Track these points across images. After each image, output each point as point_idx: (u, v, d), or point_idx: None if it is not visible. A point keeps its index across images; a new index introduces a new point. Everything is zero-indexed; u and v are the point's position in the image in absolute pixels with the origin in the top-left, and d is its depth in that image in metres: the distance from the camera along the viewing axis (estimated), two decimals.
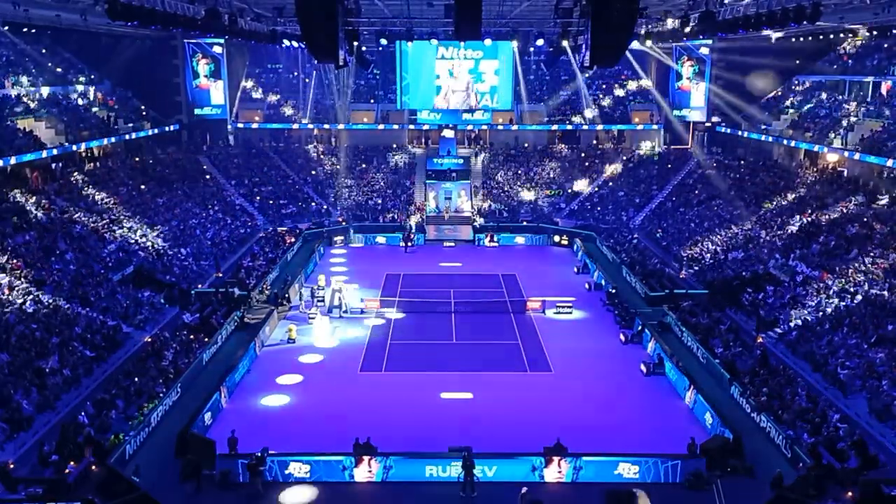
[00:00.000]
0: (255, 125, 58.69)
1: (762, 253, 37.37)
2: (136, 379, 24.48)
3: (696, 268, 39.22)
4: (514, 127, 58.24)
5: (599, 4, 13.18)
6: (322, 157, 58.53)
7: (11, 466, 18.37)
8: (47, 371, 23.68)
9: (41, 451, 19.80)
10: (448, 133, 56.97)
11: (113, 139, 44.86)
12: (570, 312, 34.08)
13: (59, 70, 45.92)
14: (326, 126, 59.17)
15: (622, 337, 31.00)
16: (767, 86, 52.19)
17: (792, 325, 29.58)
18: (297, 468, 19.94)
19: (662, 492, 18.86)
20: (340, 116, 58.05)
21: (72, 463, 18.91)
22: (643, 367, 27.47)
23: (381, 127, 58.43)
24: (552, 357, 28.89)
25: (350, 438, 20.63)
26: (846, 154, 40.50)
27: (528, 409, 24.28)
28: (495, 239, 47.84)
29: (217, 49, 53.72)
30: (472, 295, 36.50)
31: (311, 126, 59.14)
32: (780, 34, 44.03)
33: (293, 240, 45.48)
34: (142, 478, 18.96)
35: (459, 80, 54.10)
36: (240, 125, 58.76)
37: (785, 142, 46.38)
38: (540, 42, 40.70)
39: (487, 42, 48.86)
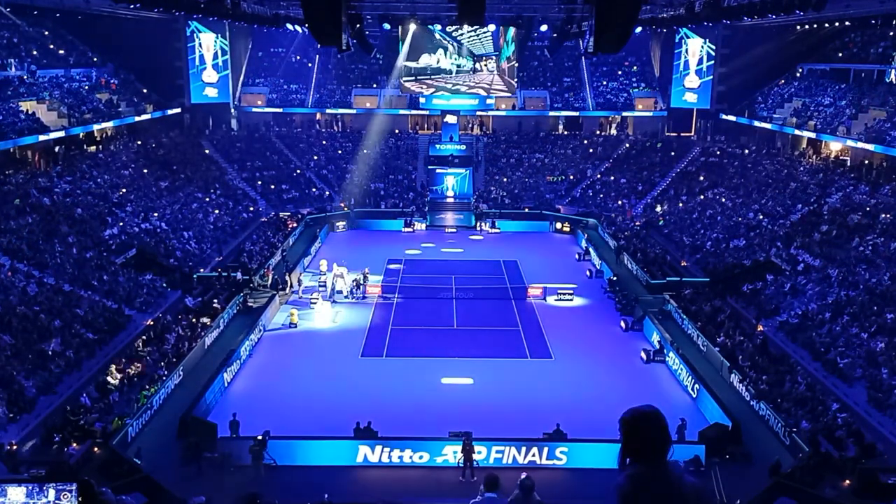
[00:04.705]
0: (256, 109, 58.52)
1: (764, 242, 37.34)
2: (138, 364, 24.59)
3: (698, 255, 39.25)
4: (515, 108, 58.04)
5: None
6: (325, 141, 58.36)
7: (14, 448, 18.51)
8: (50, 353, 23.79)
9: (44, 433, 19.93)
10: (451, 118, 56.83)
11: (115, 122, 44.80)
12: (571, 299, 34.11)
13: (61, 52, 45.79)
14: (329, 110, 59.00)
15: (623, 324, 31.04)
16: (771, 73, 51.96)
17: (792, 313, 29.63)
18: (299, 452, 20.08)
19: None
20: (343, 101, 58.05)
21: (74, 445, 19.04)
22: (643, 355, 27.54)
23: (383, 111, 58.30)
24: (553, 343, 28.96)
25: (351, 423, 20.74)
26: (849, 143, 40.39)
27: (528, 394, 24.39)
28: (496, 225, 47.81)
29: (220, 32, 53.51)
30: (473, 281, 36.55)
31: (314, 110, 59.00)
32: (784, 21, 43.75)
33: (295, 224, 45.50)
34: (143, 460, 19.09)
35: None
36: (242, 109, 58.62)
37: (788, 130, 46.20)
38: (544, 28, 40.55)
39: (491, 27, 48.74)
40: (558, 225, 48.11)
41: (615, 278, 35.82)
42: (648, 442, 3.36)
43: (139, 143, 48.81)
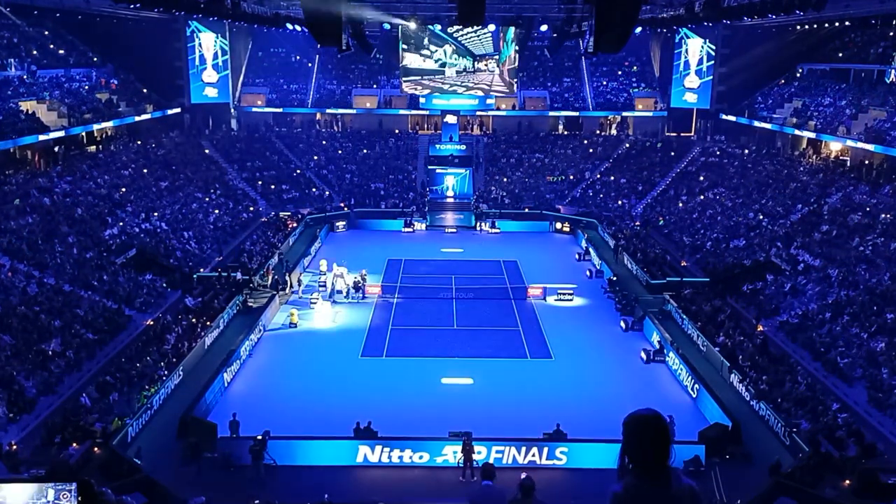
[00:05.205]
0: (256, 109, 58.49)
1: (764, 242, 37.34)
2: (138, 363, 24.57)
3: (698, 255, 39.25)
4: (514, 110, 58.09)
5: None
6: (325, 141, 58.34)
7: (14, 448, 18.50)
8: (50, 353, 23.79)
9: (44, 433, 19.93)
10: (450, 118, 56.83)
11: (115, 122, 44.80)
12: (571, 299, 34.10)
13: (61, 52, 45.80)
14: (329, 110, 58.99)
15: (623, 324, 31.04)
16: (771, 73, 51.97)
17: (792, 313, 29.64)
18: (299, 452, 20.09)
19: None
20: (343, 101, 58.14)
21: (74, 445, 19.04)
22: (643, 355, 27.53)
23: (383, 112, 58.37)
24: (553, 343, 28.96)
25: (351, 423, 20.74)
26: (849, 143, 40.38)
27: (528, 394, 24.40)
28: (496, 226, 47.79)
29: (220, 32, 53.53)
30: (473, 281, 36.55)
31: (313, 110, 59.02)
32: (783, 21, 43.76)
33: (295, 224, 45.51)
34: (143, 460, 19.09)
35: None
36: (242, 109, 58.62)
37: (788, 130, 46.17)
38: (544, 28, 40.55)
39: (491, 27, 48.73)
40: (558, 225, 48.09)
41: (615, 278, 35.81)
42: (648, 447, 3.38)
43: (139, 143, 48.78)
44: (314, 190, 52.50)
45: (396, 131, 58.97)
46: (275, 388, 24.91)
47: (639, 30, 43.51)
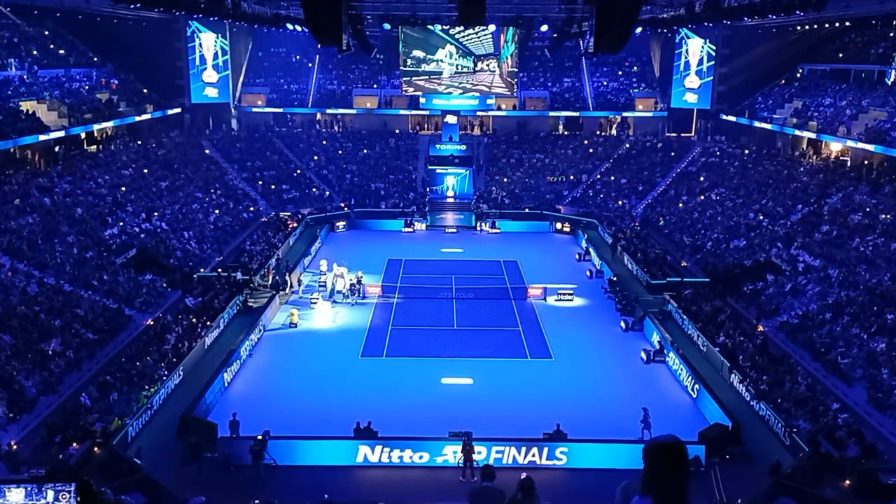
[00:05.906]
0: (256, 109, 58.49)
1: (764, 242, 37.33)
2: (138, 363, 24.57)
3: (698, 255, 39.24)
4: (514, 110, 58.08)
5: None
6: (325, 141, 58.33)
7: (14, 448, 18.51)
8: (50, 353, 23.79)
9: (44, 433, 19.92)
10: (451, 119, 56.82)
11: (115, 122, 44.79)
12: (572, 299, 34.10)
13: (61, 52, 45.80)
14: (329, 110, 59.00)
15: (623, 324, 31.03)
16: (772, 73, 51.97)
17: (792, 313, 29.63)
18: (299, 452, 20.09)
19: None
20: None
21: (74, 445, 19.04)
22: (643, 355, 27.52)
23: (383, 112, 58.39)
24: (553, 344, 28.95)
25: (351, 423, 20.74)
26: (849, 143, 40.36)
27: (528, 395, 24.39)
28: (496, 226, 47.78)
29: (220, 32, 53.53)
30: (473, 281, 36.54)
31: (314, 110, 59.02)
32: (784, 21, 43.76)
33: (295, 224, 45.51)
34: (143, 460, 19.09)
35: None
36: (243, 109, 58.63)
37: (788, 131, 46.15)
38: (544, 28, 40.55)
39: (491, 27, 48.76)
40: (559, 225, 48.07)
41: (615, 278, 35.80)
42: (662, 472, 3.53)
43: (139, 143, 48.79)
44: (314, 190, 52.49)
45: (397, 131, 58.99)
46: (275, 388, 24.91)
47: (639, 30, 43.53)
